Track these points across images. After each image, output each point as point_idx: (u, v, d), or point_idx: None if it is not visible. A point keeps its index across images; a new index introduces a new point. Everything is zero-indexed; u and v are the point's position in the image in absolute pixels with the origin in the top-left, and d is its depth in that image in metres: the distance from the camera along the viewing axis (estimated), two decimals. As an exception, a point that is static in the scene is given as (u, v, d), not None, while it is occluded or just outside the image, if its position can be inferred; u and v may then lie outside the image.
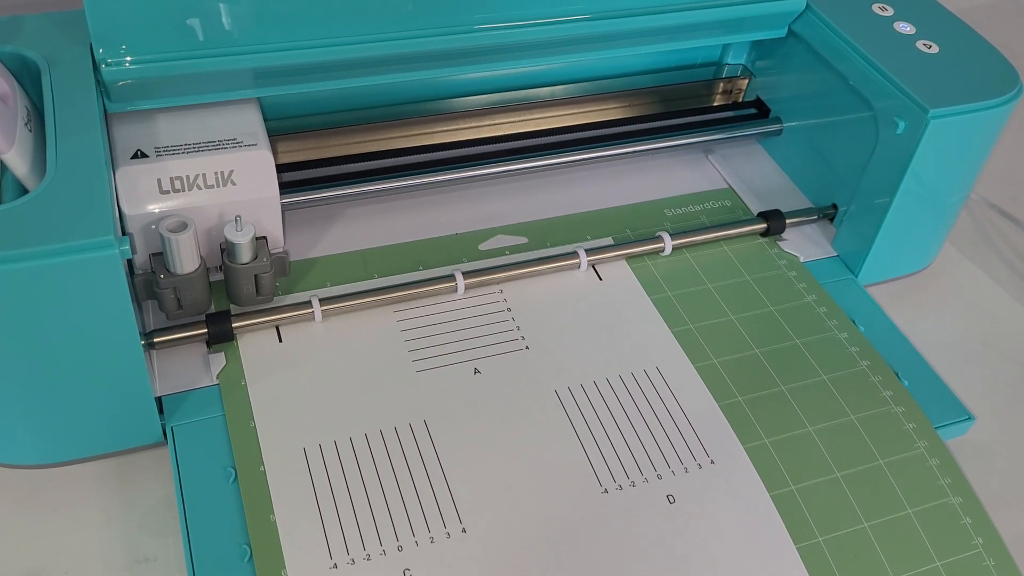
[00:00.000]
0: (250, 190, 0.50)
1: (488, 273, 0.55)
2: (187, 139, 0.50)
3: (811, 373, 0.52)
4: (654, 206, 0.63)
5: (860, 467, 0.48)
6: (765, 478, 0.47)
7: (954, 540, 0.46)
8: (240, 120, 0.51)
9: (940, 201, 0.58)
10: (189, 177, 0.49)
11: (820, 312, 0.56)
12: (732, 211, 0.63)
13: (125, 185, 0.48)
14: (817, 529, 0.45)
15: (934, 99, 0.52)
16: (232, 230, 0.49)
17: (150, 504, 0.47)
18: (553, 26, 0.55)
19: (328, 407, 0.48)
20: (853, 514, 0.46)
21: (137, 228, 0.48)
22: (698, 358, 0.52)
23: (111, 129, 0.50)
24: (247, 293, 0.51)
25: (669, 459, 0.47)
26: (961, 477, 0.48)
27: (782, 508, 0.46)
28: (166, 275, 0.48)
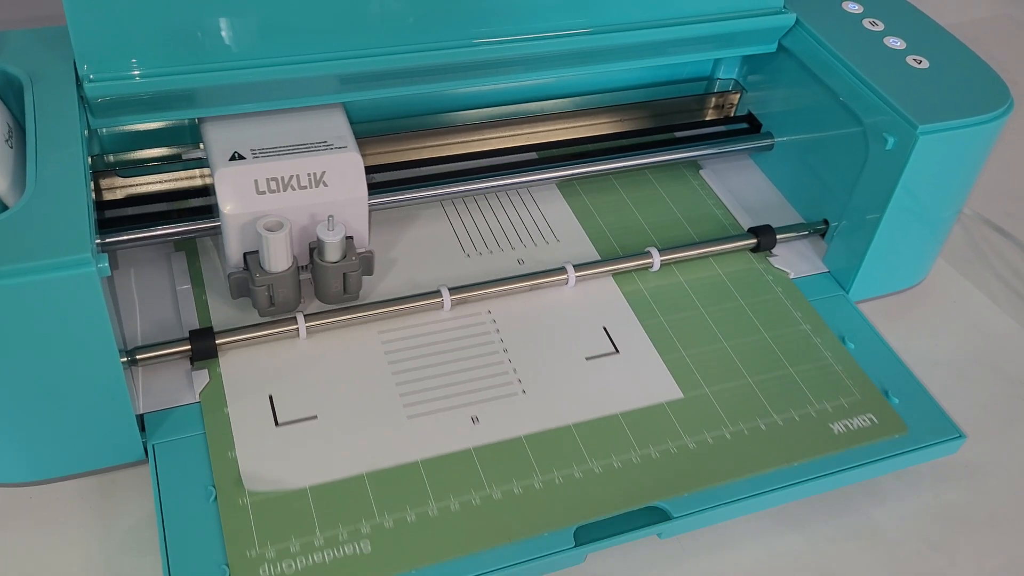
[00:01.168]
0: (341, 191, 0.51)
1: (475, 289, 0.54)
2: (280, 142, 0.51)
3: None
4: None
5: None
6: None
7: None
8: (328, 123, 0.52)
9: (931, 217, 0.57)
10: (284, 178, 0.50)
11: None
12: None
13: (224, 186, 0.49)
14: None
15: (923, 115, 0.52)
16: (324, 229, 0.50)
17: (131, 523, 0.46)
18: (543, 41, 0.55)
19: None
20: None
21: (235, 227, 0.49)
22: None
23: (205, 133, 0.51)
24: (335, 291, 0.52)
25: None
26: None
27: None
28: (260, 273, 0.49)
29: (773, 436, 0.49)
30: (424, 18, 0.52)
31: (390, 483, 0.46)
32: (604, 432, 0.49)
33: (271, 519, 0.44)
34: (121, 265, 0.55)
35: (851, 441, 0.49)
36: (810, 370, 0.53)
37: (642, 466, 0.47)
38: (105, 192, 0.56)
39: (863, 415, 0.51)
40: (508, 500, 0.46)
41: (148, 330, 0.52)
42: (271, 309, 0.51)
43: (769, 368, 0.53)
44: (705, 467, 0.48)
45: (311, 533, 0.43)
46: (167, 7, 0.47)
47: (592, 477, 0.47)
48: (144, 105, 0.49)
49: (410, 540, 0.44)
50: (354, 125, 0.60)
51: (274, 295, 0.51)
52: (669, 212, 0.63)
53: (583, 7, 0.55)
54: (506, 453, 0.48)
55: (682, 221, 0.62)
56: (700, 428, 0.49)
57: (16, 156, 0.45)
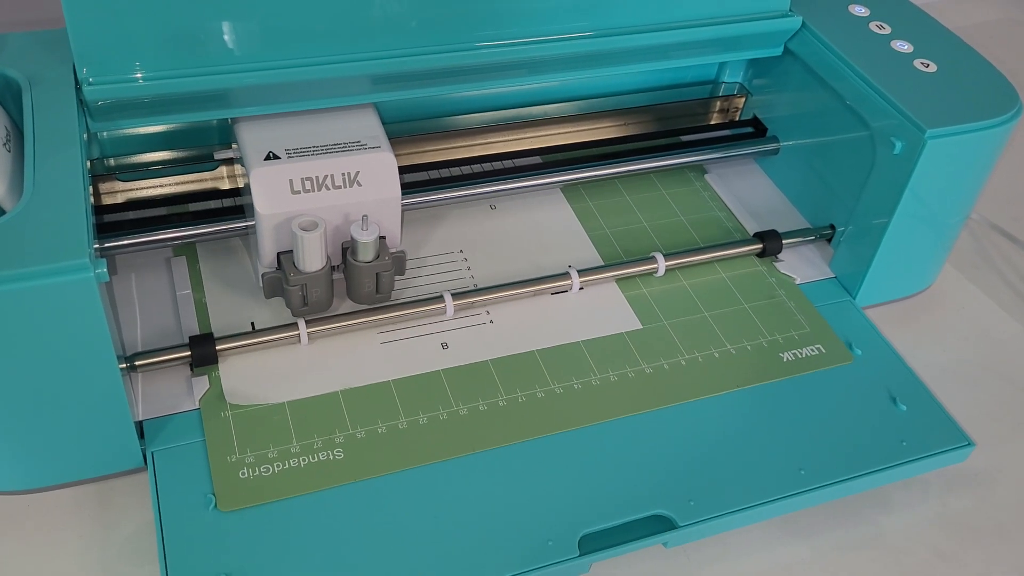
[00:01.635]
0: (374, 190, 0.51)
1: (478, 295, 0.54)
2: (314, 141, 0.51)
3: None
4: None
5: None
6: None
7: None
8: (361, 123, 0.52)
9: (939, 222, 0.57)
10: (318, 178, 0.49)
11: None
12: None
13: (259, 185, 0.49)
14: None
15: (931, 119, 0.51)
16: (358, 229, 0.50)
17: (130, 531, 0.46)
18: (547, 44, 0.54)
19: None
20: None
21: (269, 227, 0.49)
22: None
23: (238, 132, 0.51)
24: (367, 291, 0.52)
25: None
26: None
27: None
28: (295, 273, 0.49)
29: (727, 362, 0.53)
30: (427, 21, 0.51)
31: (363, 400, 0.49)
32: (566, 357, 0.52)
33: (251, 430, 0.46)
34: (121, 270, 0.55)
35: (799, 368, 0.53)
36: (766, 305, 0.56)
37: (601, 388, 0.50)
38: (105, 196, 0.56)
39: (811, 346, 0.54)
40: (473, 416, 0.49)
41: (148, 336, 0.51)
42: (304, 309, 0.51)
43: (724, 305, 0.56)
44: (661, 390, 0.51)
45: (288, 442, 0.46)
46: (168, 9, 0.47)
47: (553, 397, 0.49)
48: (145, 108, 0.49)
49: (381, 449, 0.47)
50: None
51: (308, 295, 0.51)
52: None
53: (587, 10, 0.54)
54: (473, 375, 0.50)
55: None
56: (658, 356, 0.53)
57: (14, 160, 0.44)
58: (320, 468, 0.45)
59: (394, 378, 0.49)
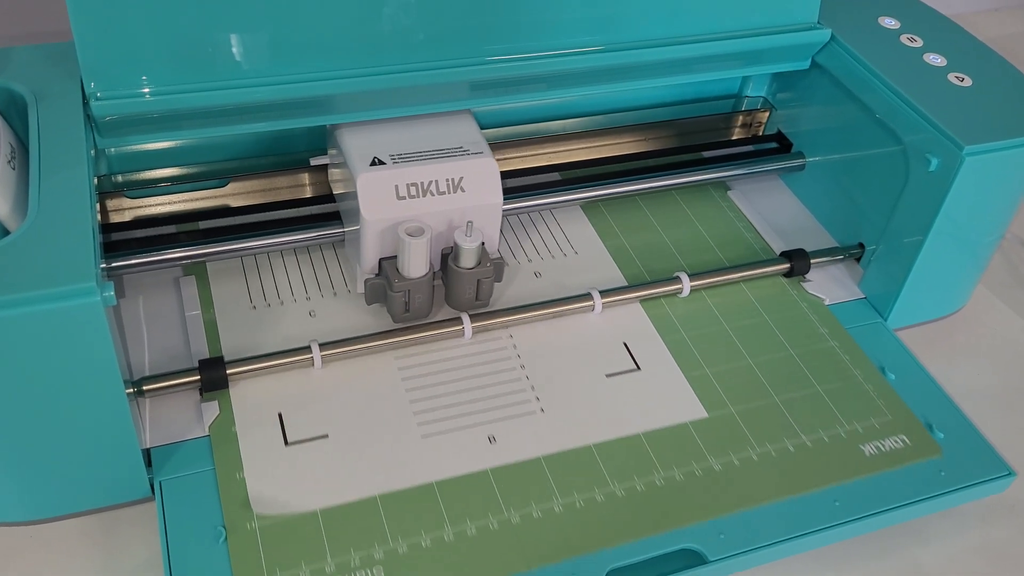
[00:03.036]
0: (478, 196, 0.50)
1: (497, 317, 0.52)
2: (417, 147, 0.50)
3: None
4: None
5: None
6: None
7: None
8: (461, 129, 0.52)
9: (974, 241, 0.55)
10: (423, 184, 0.49)
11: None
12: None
13: (365, 191, 0.48)
14: None
15: (969, 135, 0.49)
16: (462, 235, 0.49)
17: (136, 563, 0.44)
18: (567, 58, 0.53)
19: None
20: None
21: (374, 233, 0.49)
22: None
23: (341, 138, 0.50)
24: (468, 298, 0.52)
25: None
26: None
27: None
28: (399, 279, 0.49)
29: (803, 458, 0.48)
30: (443, 35, 0.50)
31: (404, 506, 0.44)
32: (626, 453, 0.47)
33: (280, 544, 0.42)
34: (129, 290, 0.53)
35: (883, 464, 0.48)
36: (840, 388, 0.51)
37: (666, 489, 0.45)
38: (112, 213, 0.54)
39: (895, 436, 0.49)
40: (527, 524, 0.44)
41: (156, 359, 0.49)
42: (406, 315, 0.51)
43: (799, 386, 0.51)
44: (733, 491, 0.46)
45: (322, 559, 0.42)
46: (179, 23, 0.45)
47: (615, 501, 0.45)
48: (154, 124, 0.47)
49: (425, 567, 0.42)
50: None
51: (410, 301, 0.50)
52: (697, 234, 0.61)
53: (608, 23, 0.53)
54: (524, 474, 0.46)
55: (711, 244, 0.60)
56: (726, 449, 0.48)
57: (19, 178, 0.43)
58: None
59: (437, 479, 0.45)
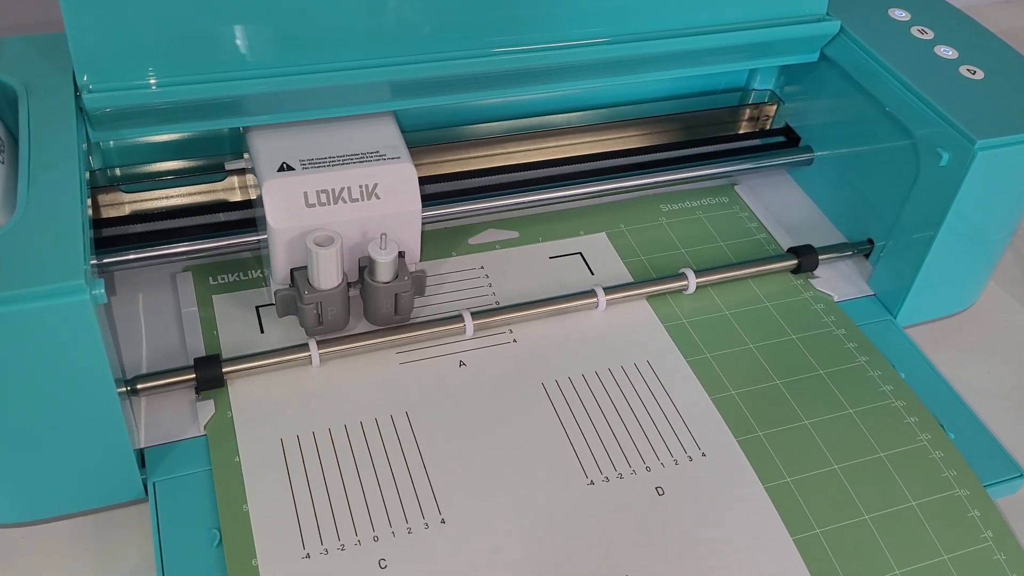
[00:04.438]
0: (394, 204, 0.48)
1: (499, 314, 0.51)
2: (330, 152, 0.48)
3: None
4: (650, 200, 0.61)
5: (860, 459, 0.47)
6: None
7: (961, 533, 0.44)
8: (380, 133, 0.50)
9: (986, 237, 0.53)
10: (335, 190, 0.47)
11: (862, 362, 0.52)
12: (760, 246, 0.59)
13: (272, 198, 0.46)
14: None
15: (981, 129, 0.48)
16: (376, 248, 0.47)
17: (129, 566, 0.43)
18: (571, 50, 0.52)
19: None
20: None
21: (283, 242, 0.47)
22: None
23: (251, 141, 0.48)
24: (386, 312, 0.50)
25: (659, 452, 0.46)
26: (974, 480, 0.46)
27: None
28: (309, 290, 0.47)
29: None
30: (445, 26, 0.49)
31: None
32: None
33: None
34: (125, 286, 0.52)
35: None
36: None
37: None
38: (107, 208, 0.53)
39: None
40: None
41: (152, 357, 0.48)
42: (320, 328, 0.49)
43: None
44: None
45: None
46: (174, 13, 0.44)
47: None
48: (148, 117, 0.46)
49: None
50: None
51: (323, 313, 0.48)
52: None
53: (613, 15, 0.52)
54: None
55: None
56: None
57: (8, 172, 0.42)
58: None
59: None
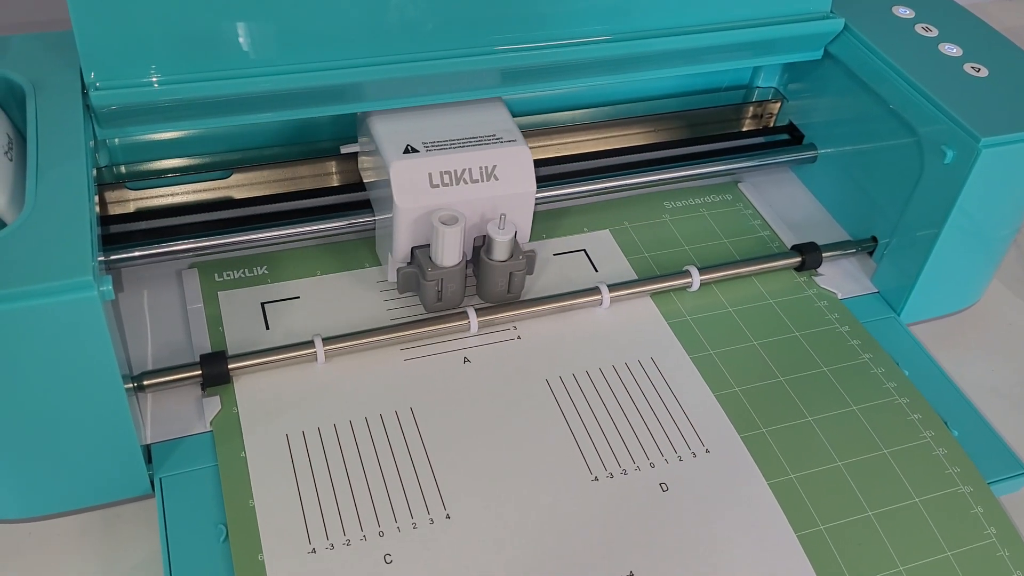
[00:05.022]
0: (511, 185, 0.50)
1: (503, 310, 0.51)
2: (450, 135, 0.50)
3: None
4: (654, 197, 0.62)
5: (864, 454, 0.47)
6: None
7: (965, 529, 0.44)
8: (494, 117, 0.52)
9: (989, 235, 0.54)
10: (457, 172, 0.49)
11: (866, 359, 0.52)
12: (764, 243, 0.59)
13: (399, 179, 0.47)
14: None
15: (986, 127, 0.48)
16: (495, 227, 0.49)
17: (136, 561, 0.43)
18: (575, 48, 0.52)
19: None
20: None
21: (407, 221, 0.48)
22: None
23: (372, 126, 0.50)
24: (499, 290, 0.51)
25: (663, 448, 0.46)
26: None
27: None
28: (432, 267, 0.49)
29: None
30: (448, 24, 0.49)
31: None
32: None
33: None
34: (131, 283, 0.52)
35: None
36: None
37: None
38: (113, 206, 0.53)
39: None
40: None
41: (158, 353, 0.49)
42: (439, 304, 0.51)
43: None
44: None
45: None
46: (180, 10, 0.44)
47: None
48: (155, 114, 0.46)
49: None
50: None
51: (443, 290, 0.50)
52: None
53: (616, 12, 0.52)
54: None
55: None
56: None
57: (16, 169, 0.42)
58: None
59: None
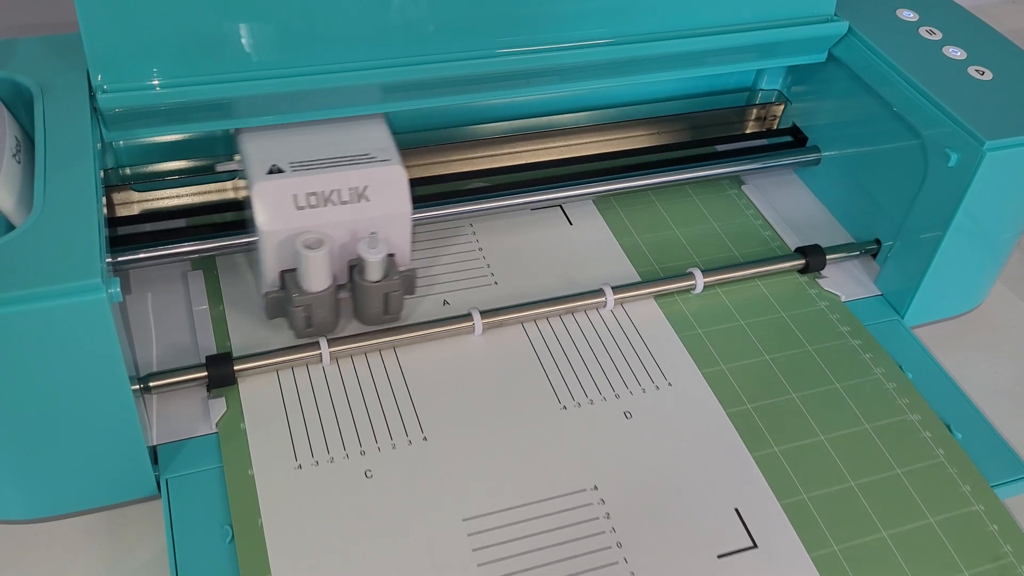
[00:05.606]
0: (384, 206, 0.48)
1: (508, 313, 0.51)
2: (320, 154, 0.48)
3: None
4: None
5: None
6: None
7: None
8: (370, 135, 0.50)
9: (994, 238, 0.54)
10: (324, 193, 0.47)
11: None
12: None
13: (261, 201, 0.46)
14: None
15: (990, 130, 0.48)
16: (366, 247, 0.47)
17: (141, 562, 0.43)
18: (578, 51, 0.52)
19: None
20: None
21: (272, 244, 0.47)
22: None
23: (241, 144, 0.48)
24: (375, 312, 0.49)
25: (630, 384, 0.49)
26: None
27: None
28: (298, 293, 0.47)
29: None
30: (452, 27, 0.49)
31: None
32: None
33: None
34: (136, 284, 0.52)
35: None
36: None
37: None
38: (119, 207, 0.54)
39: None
40: None
41: (164, 355, 0.49)
42: (308, 331, 0.49)
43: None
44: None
45: None
46: (188, 13, 0.45)
47: None
48: (162, 117, 0.46)
49: None
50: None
51: (312, 316, 0.48)
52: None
53: (620, 15, 0.52)
54: None
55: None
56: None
57: (24, 172, 0.42)
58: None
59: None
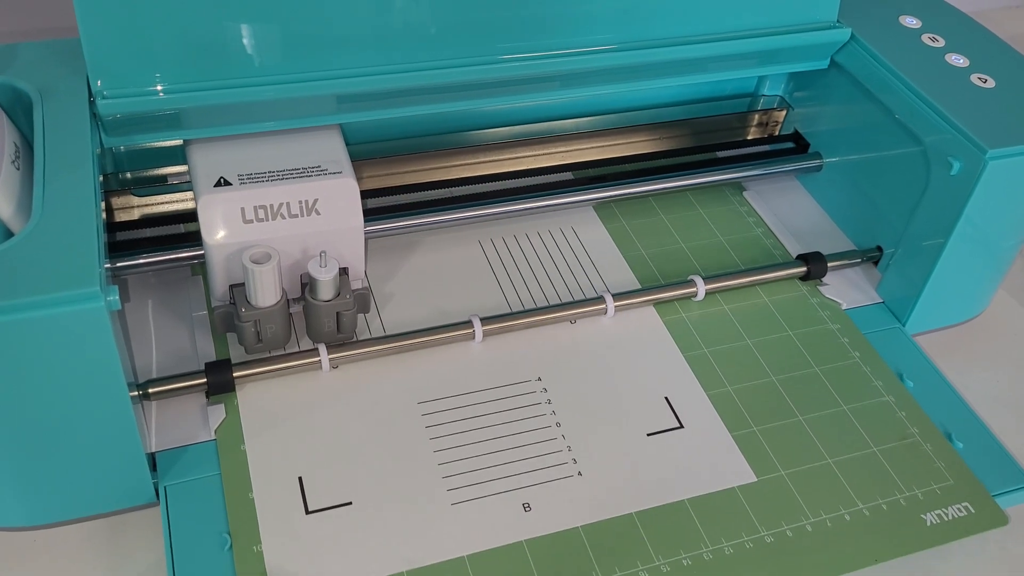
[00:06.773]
0: (334, 220, 0.47)
1: (508, 320, 0.51)
2: (270, 166, 0.47)
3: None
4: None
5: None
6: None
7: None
8: (323, 147, 0.49)
9: (996, 246, 0.53)
10: (273, 206, 0.46)
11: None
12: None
13: (207, 214, 0.45)
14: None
15: (992, 138, 0.48)
16: (316, 266, 0.46)
17: (140, 570, 0.43)
18: (580, 57, 0.52)
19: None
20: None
21: (219, 259, 0.46)
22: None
23: (190, 156, 0.48)
24: (328, 330, 0.48)
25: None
26: None
27: None
28: (247, 308, 0.46)
29: (861, 528, 0.45)
30: (454, 33, 0.49)
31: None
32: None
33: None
34: (136, 289, 0.52)
35: (946, 534, 0.45)
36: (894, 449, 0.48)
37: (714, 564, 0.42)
38: (119, 212, 0.53)
39: (958, 504, 0.46)
40: None
41: (163, 361, 0.49)
42: (259, 346, 0.48)
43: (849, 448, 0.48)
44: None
45: None
46: (188, 19, 0.44)
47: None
48: (162, 123, 0.46)
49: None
50: (379, 144, 0.57)
51: (262, 331, 0.47)
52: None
53: (622, 22, 0.52)
54: (562, 546, 0.42)
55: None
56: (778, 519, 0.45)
57: (23, 178, 0.42)
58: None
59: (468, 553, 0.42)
